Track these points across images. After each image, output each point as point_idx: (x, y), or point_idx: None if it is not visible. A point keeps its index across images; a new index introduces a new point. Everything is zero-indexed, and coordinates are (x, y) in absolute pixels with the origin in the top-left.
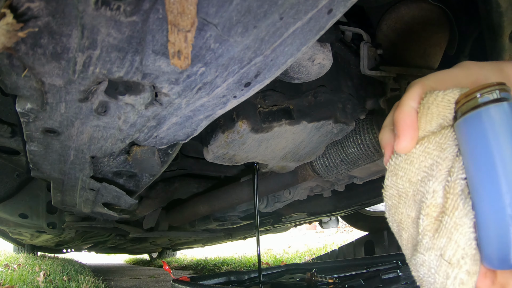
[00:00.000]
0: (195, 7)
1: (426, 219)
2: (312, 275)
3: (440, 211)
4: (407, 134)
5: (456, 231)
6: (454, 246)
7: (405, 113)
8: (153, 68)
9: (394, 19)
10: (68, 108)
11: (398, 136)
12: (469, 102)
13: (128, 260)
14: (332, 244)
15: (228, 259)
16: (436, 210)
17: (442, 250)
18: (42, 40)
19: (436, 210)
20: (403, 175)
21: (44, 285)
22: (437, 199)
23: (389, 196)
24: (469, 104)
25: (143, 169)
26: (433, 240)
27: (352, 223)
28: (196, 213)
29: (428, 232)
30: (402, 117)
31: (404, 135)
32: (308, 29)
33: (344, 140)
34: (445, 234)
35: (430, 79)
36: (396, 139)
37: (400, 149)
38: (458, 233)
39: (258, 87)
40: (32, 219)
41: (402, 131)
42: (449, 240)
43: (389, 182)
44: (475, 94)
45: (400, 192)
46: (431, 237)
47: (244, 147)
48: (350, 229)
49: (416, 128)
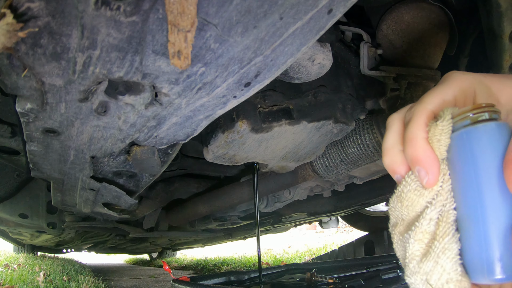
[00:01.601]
0: (195, 7)
1: (417, 244)
2: (312, 275)
3: (431, 238)
4: (435, 169)
5: (444, 255)
6: (440, 270)
7: (424, 149)
8: (153, 68)
9: (394, 19)
10: (68, 108)
11: (427, 173)
12: (459, 123)
13: (128, 260)
14: (332, 244)
15: (228, 259)
16: (427, 236)
17: (428, 274)
18: (42, 40)
19: (428, 237)
20: (408, 205)
21: (44, 285)
22: (431, 226)
23: (390, 214)
24: (459, 125)
25: (143, 169)
26: (420, 264)
27: (352, 223)
28: (196, 213)
29: (416, 257)
30: (423, 154)
31: (433, 172)
32: (308, 29)
33: (344, 140)
34: (432, 259)
35: (428, 102)
36: (424, 176)
37: (430, 185)
38: (445, 257)
39: (258, 87)
40: (32, 219)
41: (430, 168)
42: (435, 264)
43: (393, 205)
44: (467, 115)
45: (399, 217)
46: (418, 262)
47: (244, 147)
48: (350, 229)
49: (438, 160)
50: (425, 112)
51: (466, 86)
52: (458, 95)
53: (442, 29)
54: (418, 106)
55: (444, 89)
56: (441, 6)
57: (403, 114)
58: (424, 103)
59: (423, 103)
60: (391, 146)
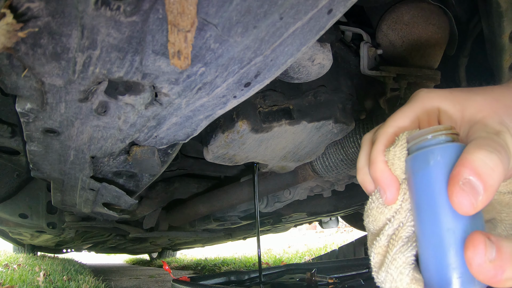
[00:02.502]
0: (195, 7)
1: (376, 257)
2: (312, 275)
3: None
4: (392, 189)
5: (392, 265)
6: (390, 278)
7: (382, 171)
8: (153, 68)
9: (394, 19)
10: (68, 108)
11: (384, 192)
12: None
13: (128, 260)
14: (332, 244)
15: (228, 259)
16: (385, 250)
17: (382, 283)
18: (42, 40)
19: (385, 250)
20: (373, 220)
21: (44, 285)
22: (387, 241)
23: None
24: (415, 147)
25: (143, 169)
26: (377, 275)
27: (352, 223)
28: (196, 213)
29: (375, 268)
30: (381, 176)
31: (390, 191)
32: (308, 29)
33: (344, 140)
34: (384, 269)
35: (390, 126)
36: (383, 194)
37: (388, 203)
38: (394, 267)
39: (258, 87)
40: (32, 219)
41: (387, 187)
42: (386, 274)
43: (364, 219)
44: (424, 137)
45: (369, 230)
46: (376, 272)
47: (244, 147)
48: (350, 229)
49: (396, 181)
50: (385, 137)
51: (429, 106)
52: (421, 115)
53: (442, 29)
54: (380, 130)
55: (406, 111)
56: (441, 6)
57: (372, 134)
58: (386, 127)
59: (385, 127)
60: (361, 166)
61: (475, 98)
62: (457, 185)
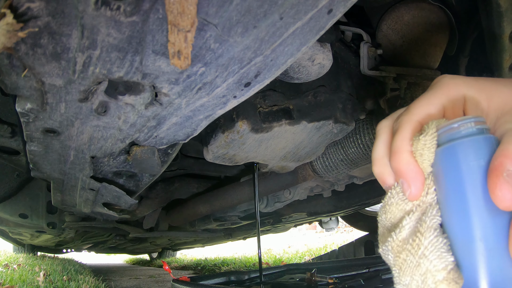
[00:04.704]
0: (195, 7)
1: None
2: (312, 275)
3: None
4: (418, 183)
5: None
6: (416, 284)
7: (408, 162)
8: (153, 68)
9: (394, 19)
10: (68, 108)
11: (409, 186)
12: (445, 137)
13: (128, 260)
14: (332, 244)
15: (228, 259)
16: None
17: (407, 286)
18: (42, 40)
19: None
20: (391, 217)
21: (44, 285)
22: (403, 234)
23: (378, 224)
24: (444, 139)
25: (143, 169)
26: (400, 278)
27: (352, 223)
28: (196, 213)
29: (395, 267)
30: (406, 168)
31: (415, 186)
32: (308, 29)
33: (344, 140)
34: (408, 273)
35: (415, 113)
36: (407, 189)
37: (412, 198)
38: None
39: (258, 87)
40: (32, 219)
41: (412, 181)
42: (411, 280)
43: (380, 216)
44: (453, 127)
45: (385, 227)
46: (398, 273)
47: (244, 147)
48: (350, 229)
49: (422, 174)
50: (411, 124)
51: (454, 94)
52: (446, 104)
53: (442, 29)
54: (404, 117)
55: (431, 98)
56: (441, 6)
57: (391, 122)
58: (410, 114)
59: (409, 114)
60: (380, 156)
61: (502, 89)
62: (501, 177)
